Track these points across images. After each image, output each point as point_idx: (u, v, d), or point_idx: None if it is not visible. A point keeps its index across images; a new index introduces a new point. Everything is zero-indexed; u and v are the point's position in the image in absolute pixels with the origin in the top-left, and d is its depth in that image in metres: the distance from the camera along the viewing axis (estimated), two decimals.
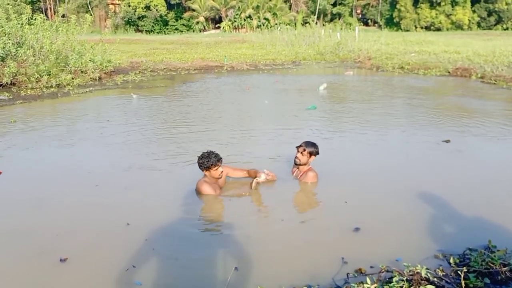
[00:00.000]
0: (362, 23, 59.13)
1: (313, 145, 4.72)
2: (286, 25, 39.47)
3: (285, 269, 3.15)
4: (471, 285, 2.77)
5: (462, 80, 13.72)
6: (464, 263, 3.07)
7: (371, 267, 3.06)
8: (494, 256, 3.08)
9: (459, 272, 2.87)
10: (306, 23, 42.14)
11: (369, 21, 61.90)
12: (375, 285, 2.69)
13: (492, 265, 2.99)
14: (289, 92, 11.93)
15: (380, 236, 3.61)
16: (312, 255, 3.34)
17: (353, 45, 23.39)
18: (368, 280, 2.72)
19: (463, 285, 2.75)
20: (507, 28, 52.21)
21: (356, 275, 3.00)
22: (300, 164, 4.72)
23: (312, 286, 2.84)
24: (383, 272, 2.97)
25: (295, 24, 45.22)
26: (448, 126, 7.52)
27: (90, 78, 13.57)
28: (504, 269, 2.92)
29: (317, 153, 4.73)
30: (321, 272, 3.06)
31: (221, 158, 4.42)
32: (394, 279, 2.79)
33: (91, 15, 20.50)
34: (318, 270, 3.09)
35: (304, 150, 4.65)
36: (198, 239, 3.63)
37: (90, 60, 13.91)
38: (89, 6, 56.55)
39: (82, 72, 13.60)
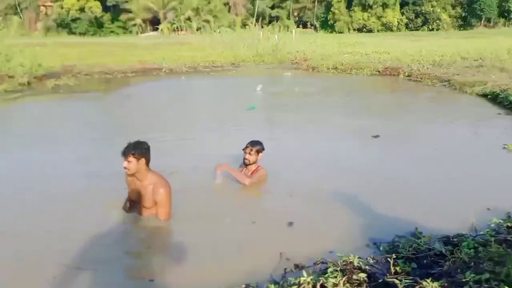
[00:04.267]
0: (300, 26, 60.47)
1: (258, 142, 4.80)
2: (226, 27, 39.52)
3: (222, 270, 3.15)
4: (400, 270, 2.92)
5: (391, 79, 14.46)
6: (393, 250, 3.23)
7: (314, 263, 3.11)
8: (420, 242, 3.27)
9: (388, 259, 3.03)
10: (245, 25, 42.41)
11: (307, 23, 63.49)
12: (311, 277, 2.77)
13: (418, 250, 3.18)
14: (228, 93, 11.97)
15: (316, 230, 3.72)
16: (250, 253, 3.37)
17: (290, 47, 23.87)
18: (305, 273, 2.79)
19: (393, 270, 2.90)
20: (432, 29, 55.66)
21: (293, 269, 3.07)
22: (250, 164, 4.78)
23: (251, 285, 2.87)
24: (318, 264, 3.06)
25: (235, 26, 45.40)
26: (378, 121, 7.90)
27: (18, 83, 12.81)
28: (428, 253, 3.12)
29: (263, 149, 4.81)
30: (260, 270, 3.08)
31: (130, 152, 3.53)
32: (329, 270, 2.88)
33: (20, 17, 19.36)
34: (257, 268, 3.11)
35: (251, 150, 4.72)
36: (134, 243, 3.56)
37: (20, 65, 13.14)
38: (18, 8, 53.33)
39: (9, 77, 12.82)
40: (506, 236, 3.23)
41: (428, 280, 2.54)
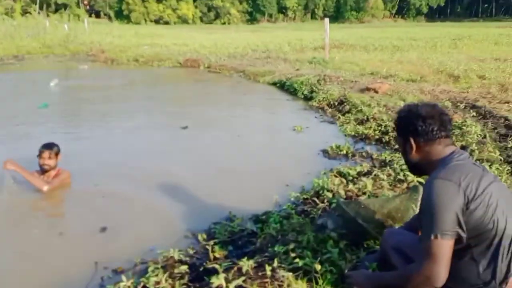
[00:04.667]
0: (93, 15, 56.79)
1: (53, 144, 4.33)
2: (2, 14, 34.39)
3: None
4: (219, 255, 3.04)
5: (192, 70, 14.90)
6: (211, 237, 3.34)
7: (135, 265, 2.98)
8: (234, 224, 3.47)
9: (207, 246, 3.12)
10: (26, 13, 37.65)
11: (100, 13, 60.01)
12: (131, 280, 2.65)
13: (233, 233, 3.37)
14: (14, 91, 10.48)
15: (132, 230, 3.57)
16: (61, 269, 3.03)
17: (84, 37, 22.34)
18: (124, 278, 2.66)
19: (212, 257, 3.00)
20: (224, 23, 59.47)
21: (111, 276, 2.90)
22: (49, 170, 4.27)
23: None
24: (138, 265, 2.96)
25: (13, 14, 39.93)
26: (186, 112, 8.05)
27: None
28: (242, 234, 3.34)
29: (60, 150, 4.35)
30: (73, 283, 2.82)
31: None
32: (149, 269, 2.81)
33: None
34: (69, 282, 2.83)
35: (50, 153, 4.23)
36: None
37: None
38: None
39: None
40: (304, 207, 3.68)
41: (244, 259, 2.70)
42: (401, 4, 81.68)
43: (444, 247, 1.64)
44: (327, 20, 14.13)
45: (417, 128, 1.86)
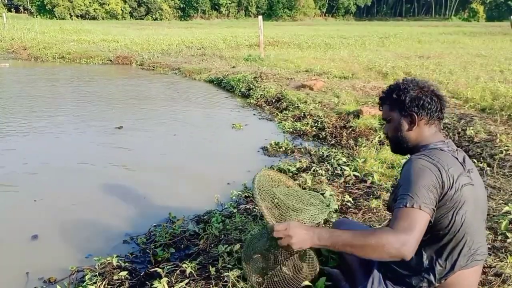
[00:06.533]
0: (12, 10, 52.97)
1: None
2: None
3: None
4: (160, 259, 2.95)
5: (124, 68, 14.39)
6: (151, 240, 3.24)
7: (71, 274, 2.80)
8: (175, 226, 3.38)
9: (147, 250, 3.01)
10: None
11: (20, 7, 56.14)
12: None
13: (175, 235, 3.28)
14: None
15: (67, 238, 3.36)
16: None
17: (3, 33, 20.84)
18: (59, 287, 2.52)
19: (153, 261, 2.90)
20: (156, 19, 58.05)
21: (44, 286, 2.72)
22: None
23: None
24: (73, 274, 2.80)
25: None
26: (119, 112, 7.75)
27: None
28: (184, 235, 3.26)
29: None
30: None
31: None
32: (86, 277, 2.68)
33: None
34: None
35: None
36: None
37: None
38: None
39: None
40: (246, 205, 3.67)
41: (187, 262, 2.64)
42: (331, 3, 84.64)
43: (421, 218, 1.52)
44: (260, 17, 14.23)
45: (425, 103, 1.78)
